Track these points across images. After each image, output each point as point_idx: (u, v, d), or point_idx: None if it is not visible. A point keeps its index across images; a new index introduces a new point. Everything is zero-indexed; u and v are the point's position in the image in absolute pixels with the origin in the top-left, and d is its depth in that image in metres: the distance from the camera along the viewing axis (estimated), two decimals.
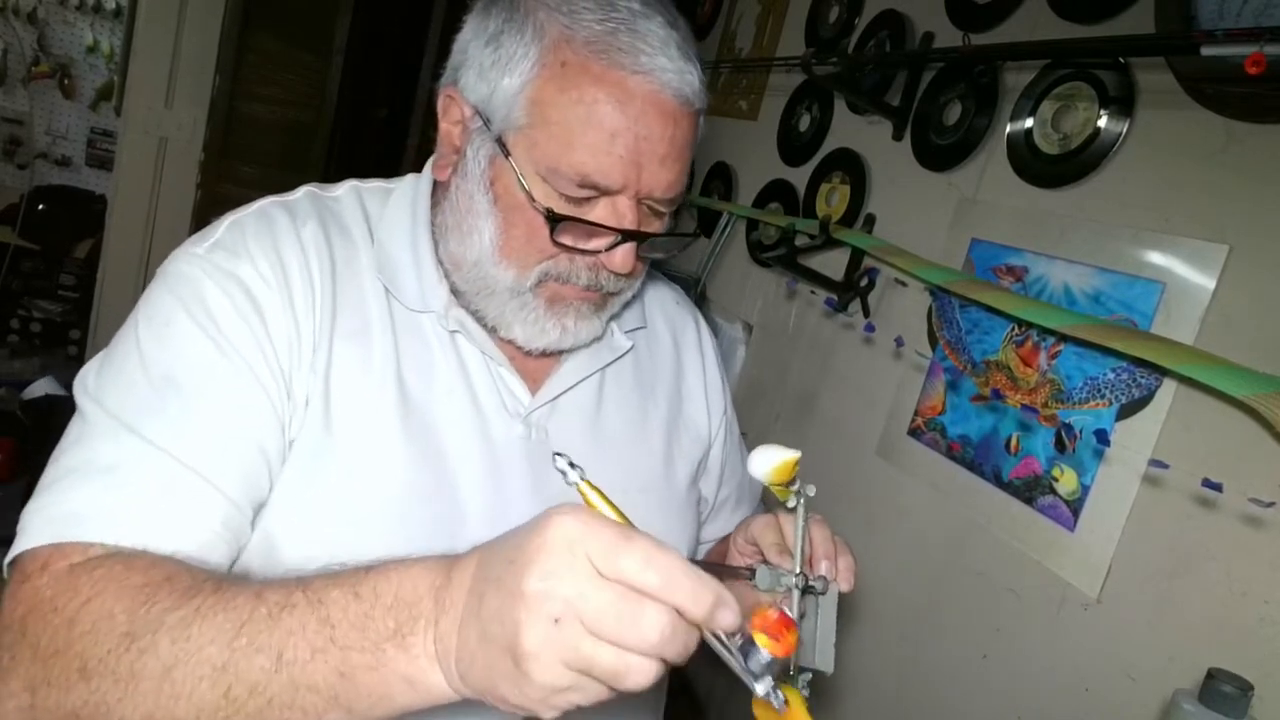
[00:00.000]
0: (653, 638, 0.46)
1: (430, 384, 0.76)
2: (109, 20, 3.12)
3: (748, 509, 1.09)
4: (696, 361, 0.99)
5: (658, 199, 0.73)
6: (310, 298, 0.72)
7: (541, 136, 0.69)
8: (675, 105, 0.70)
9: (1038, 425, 1.26)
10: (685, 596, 0.46)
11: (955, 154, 1.53)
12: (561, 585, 0.46)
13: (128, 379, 0.67)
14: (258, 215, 0.75)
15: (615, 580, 0.46)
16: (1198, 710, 0.83)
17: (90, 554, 0.61)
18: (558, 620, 0.46)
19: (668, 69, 0.69)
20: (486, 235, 0.74)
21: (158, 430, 0.64)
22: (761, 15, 2.33)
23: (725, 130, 2.42)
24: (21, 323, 3.30)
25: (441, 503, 0.74)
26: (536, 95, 0.69)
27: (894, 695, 1.46)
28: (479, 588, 0.50)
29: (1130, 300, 1.16)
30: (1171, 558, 1.05)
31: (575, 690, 0.47)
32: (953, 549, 1.39)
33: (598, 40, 0.68)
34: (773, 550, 0.73)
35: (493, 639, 0.48)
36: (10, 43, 2.96)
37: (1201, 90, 1.09)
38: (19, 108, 3.05)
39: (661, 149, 0.70)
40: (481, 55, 0.72)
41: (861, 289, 1.64)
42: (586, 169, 0.68)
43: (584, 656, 0.46)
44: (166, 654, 0.54)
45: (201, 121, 2.72)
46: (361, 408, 0.72)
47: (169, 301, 0.69)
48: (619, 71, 0.68)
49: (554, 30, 0.69)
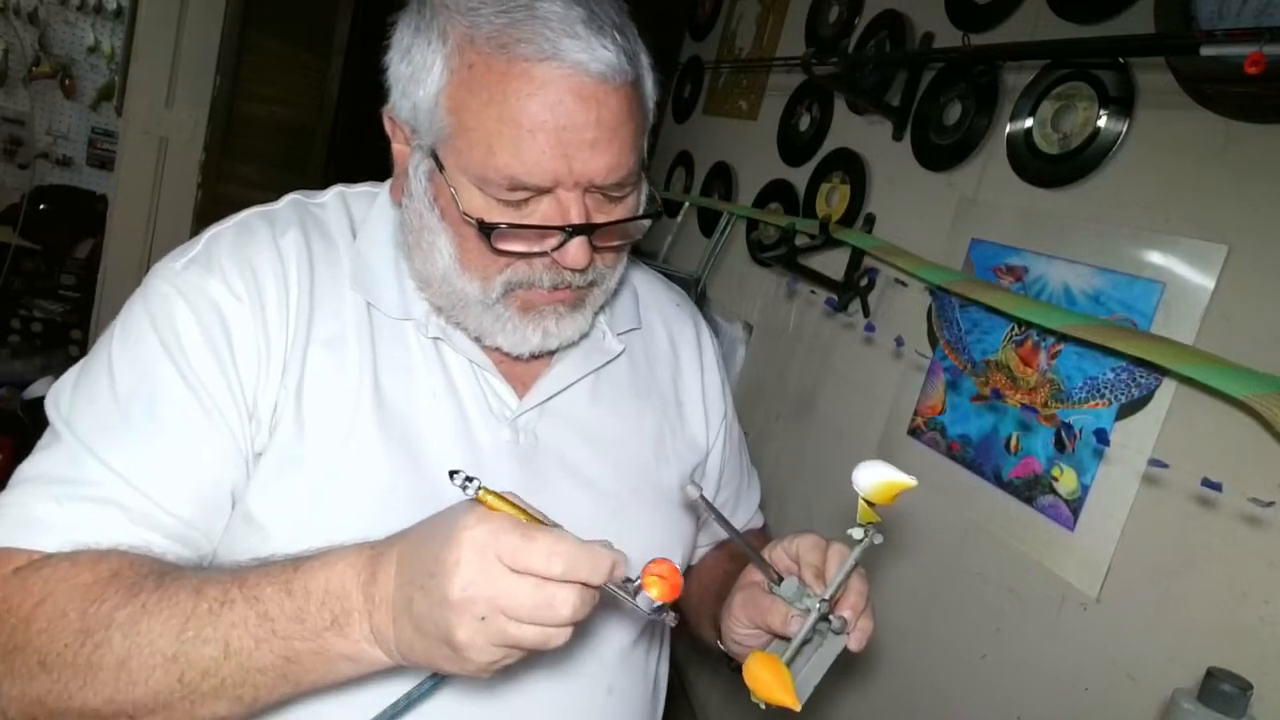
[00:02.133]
0: (566, 614, 0.55)
1: (411, 388, 0.76)
2: (110, 20, 3.12)
3: (745, 515, 1.08)
4: (695, 366, 0.97)
5: (601, 185, 0.69)
6: (284, 308, 0.73)
7: (464, 145, 0.67)
8: (592, 85, 0.65)
9: (1038, 425, 1.26)
10: (587, 573, 0.55)
11: (955, 154, 1.53)
12: (481, 589, 0.53)
13: (97, 399, 0.69)
14: (237, 227, 0.76)
15: (526, 574, 0.54)
16: (1197, 709, 0.83)
17: (33, 558, 0.64)
18: (484, 618, 0.54)
19: (575, 49, 0.64)
20: (445, 251, 0.73)
21: (115, 455, 0.67)
22: (761, 15, 2.33)
23: (725, 130, 2.42)
24: (22, 323, 3.30)
25: (425, 505, 0.74)
26: (451, 103, 0.67)
27: (894, 695, 1.46)
28: (405, 590, 0.56)
29: (1130, 300, 1.16)
30: (1171, 558, 1.05)
31: (508, 658, 0.56)
32: (953, 549, 1.39)
33: (498, 34, 0.65)
34: (810, 571, 0.73)
35: (427, 634, 0.56)
36: (11, 43, 2.96)
37: (1201, 90, 1.09)
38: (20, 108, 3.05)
39: (588, 134, 0.66)
40: (400, 70, 0.71)
41: (861, 289, 1.64)
42: (512, 170, 0.66)
43: (511, 638, 0.55)
44: (120, 647, 0.59)
45: (202, 121, 2.72)
46: (335, 413, 0.73)
47: (143, 320, 0.71)
48: (524, 63, 0.64)
49: (457, 32, 0.66)
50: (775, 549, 0.77)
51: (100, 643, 0.59)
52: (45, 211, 3.26)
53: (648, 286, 0.99)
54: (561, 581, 0.54)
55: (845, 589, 0.72)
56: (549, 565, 0.54)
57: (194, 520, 0.69)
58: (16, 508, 0.67)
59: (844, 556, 0.71)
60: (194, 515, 0.69)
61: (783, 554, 0.76)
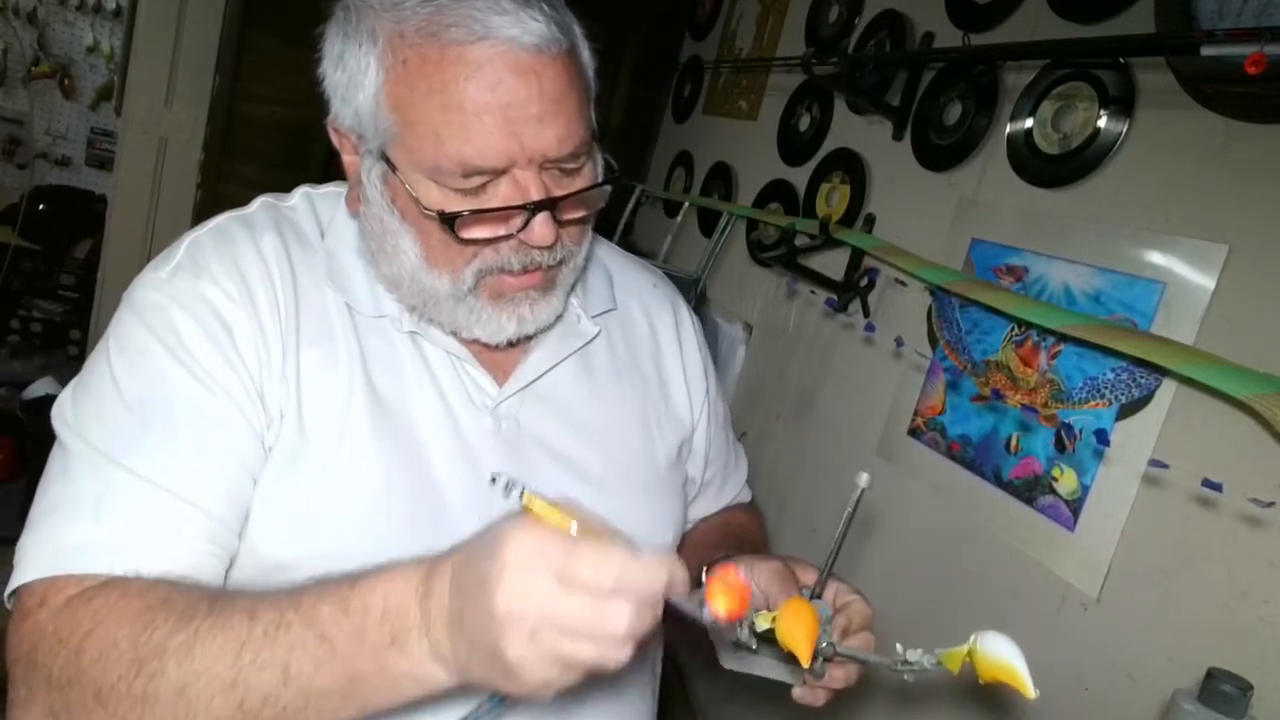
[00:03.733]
0: (622, 628, 0.51)
1: (399, 381, 0.77)
2: (109, 20, 3.12)
3: (733, 490, 1.08)
4: (674, 345, 0.97)
5: (555, 158, 0.69)
6: (275, 308, 0.73)
7: (413, 140, 0.67)
8: (529, 58, 0.65)
9: (1038, 425, 1.26)
10: (641, 583, 0.51)
11: (955, 154, 1.53)
12: (529, 603, 0.50)
13: (107, 410, 0.68)
14: (214, 233, 0.76)
15: (577, 587, 0.51)
16: (1197, 710, 0.83)
17: (85, 585, 0.63)
18: (534, 632, 0.50)
19: (505, 25, 0.64)
20: (410, 251, 0.73)
21: (138, 459, 0.66)
22: (761, 15, 2.33)
23: (725, 130, 2.42)
24: (22, 323, 3.30)
25: (422, 496, 0.75)
26: (392, 101, 0.67)
27: (894, 695, 1.46)
28: (456, 604, 0.54)
29: (1130, 300, 1.16)
30: (1171, 558, 1.05)
31: (565, 677, 0.52)
32: (952, 549, 1.39)
33: (426, 23, 0.65)
34: (839, 626, 0.74)
35: (479, 650, 0.53)
36: (10, 43, 2.96)
37: (1201, 90, 1.09)
38: (19, 108, 3.05)
39: (534, 109, 0.66)
40: (336, 79, 0.71)
41: (861, 289, 1.64)
42: (464, 156, 0.66)
43: (565, 655, 0.51)
44: (175, 676, 0.57)
45: (201, 121, 2.71)
46: (331, 409, 0.73)
47: (140, 331, 0.70)
48: (457, 48, 0.64)
49: (385, 29, 0.66)
50: (812, 577, 0.77)
51: (155, 672, 0.57)
52: (44, 211, 3.26)
53: (622, 268, 0.98)
54: (614, 593, 0.51)
55: (849, 618, 0.73)
56: (599, 577, 0.50)
57: (226, 518, 0.68)
58: (50, 540, 0.64)
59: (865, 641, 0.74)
60: (225, 512, 0.68)
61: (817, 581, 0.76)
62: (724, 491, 1.07)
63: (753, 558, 0.79)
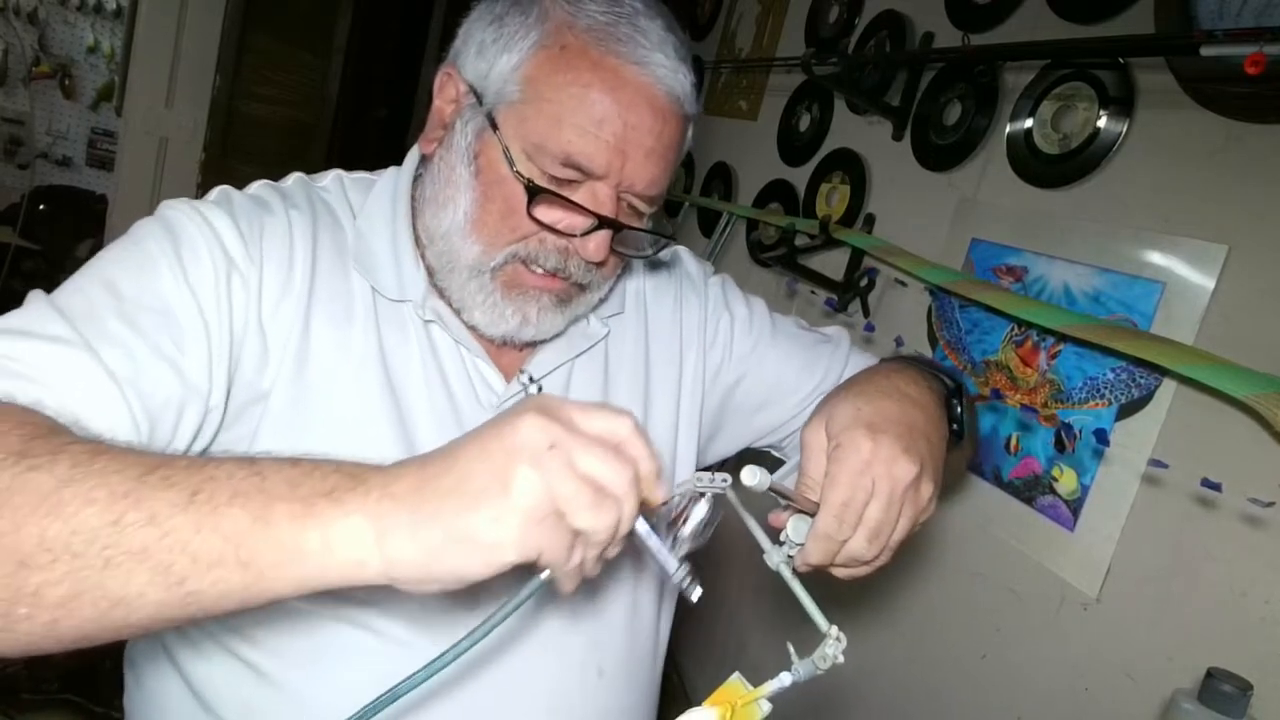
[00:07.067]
0: (628, 474, 0.50)
1: (408, 372, 0.77)
2: (109, 20, 3.12)
3: (838, 370, 0.98)
4: (696, 328, 0.95)
5: (639, 193, 0.73)
6: (286, 269, 0.73)
7: (532, 113, 0.70)
8: (666, 102, 0.72)
9: (1037, 425, 1.26)
10: (644, 458, 0.52)
11: (955, 154, 1.53)
12: (550, 430, 0.49)
13: (80, 282, 0.66)
14: (249, 194, 0.78)
15: (590, 433, 0.50)
16: (1197, 710, 0.83)
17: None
18: (553, 445, 0.49)
19: (663, 64, 0.71)
20: (461, 208, 0.75)
21: (90, 330, 0.62)
22: (761, 15, 2.33)
23: (725, 130, 2.42)
24: None
25: None
26: (532, 73, 0.71)
27: (894, 695, 1.46)
28: (450, 450, 0.51)
29: (1130, 300, 1.16)
30: (1171, 558, 1.05)
31: (577, 500, 0.49)
32: (952, 549, 1.39)
33: (599, 29, 0.70)
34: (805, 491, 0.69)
35: (473, 476, 0.49)
36: (11, 43, 2.96)
37: (1201, 90, 1.10)
38: (19, 108, 3.05)
39: (648, 141, 0.71)
40: (484, 34, 0.74)
41: (861, 289, 1.64)
42: (573, 149, 0.69)
43: (580, 470, 0.49)
44: (63, 473, 0.48)
45: (201, 121, 2.72)
46: (336, 392, 0.73)
47: (145, 227, 0.72)
48: (615, 60, 0.69)
49: (558, 15, 0.71)
50: None
51: (38, 466, 0.48)
52: (45, 212, 3.26)
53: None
54: (624, 444, 0.52)
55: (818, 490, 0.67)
56: (614, 427, 0.52)
57: (147, 410, 0.63)
58: None
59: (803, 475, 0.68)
60: (145, 407, 0.63)
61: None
62: (828, 379, 0.97)
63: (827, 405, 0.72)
